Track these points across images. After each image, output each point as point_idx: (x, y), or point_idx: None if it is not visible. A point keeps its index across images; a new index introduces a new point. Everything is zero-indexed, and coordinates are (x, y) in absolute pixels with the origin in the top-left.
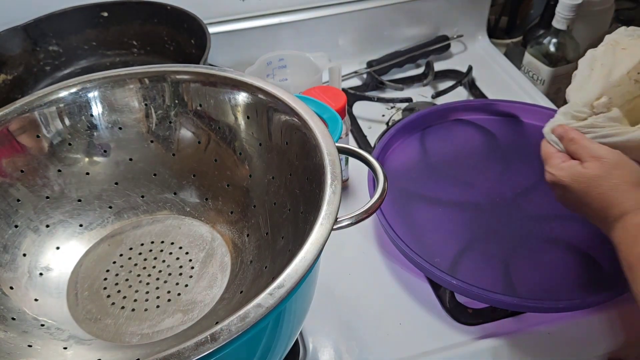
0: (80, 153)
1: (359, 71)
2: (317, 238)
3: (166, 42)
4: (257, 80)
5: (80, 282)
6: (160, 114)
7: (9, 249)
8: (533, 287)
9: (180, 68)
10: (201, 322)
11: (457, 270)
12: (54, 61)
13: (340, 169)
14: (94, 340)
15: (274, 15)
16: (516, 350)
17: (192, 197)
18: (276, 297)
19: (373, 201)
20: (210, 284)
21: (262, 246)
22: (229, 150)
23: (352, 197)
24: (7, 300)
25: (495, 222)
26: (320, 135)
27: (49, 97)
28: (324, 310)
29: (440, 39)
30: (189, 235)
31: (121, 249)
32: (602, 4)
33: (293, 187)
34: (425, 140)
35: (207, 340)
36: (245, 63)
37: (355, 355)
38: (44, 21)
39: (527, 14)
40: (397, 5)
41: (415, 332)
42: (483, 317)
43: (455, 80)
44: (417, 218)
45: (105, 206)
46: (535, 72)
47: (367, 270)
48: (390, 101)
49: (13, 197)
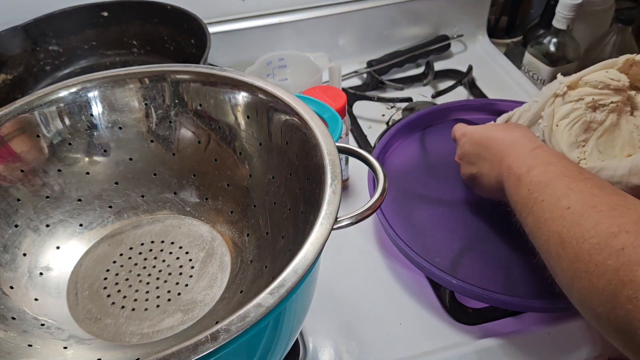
0: (80, 153)
1: (359, 71)
2: (317, 238)
3: (166, 42)
4: (257, 80)
5: (80, 281)
6: (160, 114)
7: (9, 249)
8: (533, 287)
9: (180, 68)
10: (201, 322)
11: (457, 270)
12: (54, 61)
13: (340, 169)
14: (94, 339)
15: (274, 15)
16: (516, 350)
17: (192, 196)
18: (276, 297)
19: (373, 201)
20: (210, 283)
21: (262, 246)
22: (229, 150)
23: (352, 197)
24: (7, 299)
25: (496, 221)
26: (320, 135)
27: (49, 97)
28: (324, 310)
29: (440, 38)
30: (189, 235)
31: (121, 249)
32: (602, 4)
33: (293, 186)
34: (425, 140)
35: (207, 340)
36: (245, 63)
37: (355, 355)
38: (44, 21)
39: (527, 13)
40: (397, 5)
41: (415, 332)
42: (483, 317)
43: (455, 80)
44: (417, 218)
45: (105, 206)
46: (536, 72)
47: (367, 270)
48: (390, 101)
49: (13, 197)
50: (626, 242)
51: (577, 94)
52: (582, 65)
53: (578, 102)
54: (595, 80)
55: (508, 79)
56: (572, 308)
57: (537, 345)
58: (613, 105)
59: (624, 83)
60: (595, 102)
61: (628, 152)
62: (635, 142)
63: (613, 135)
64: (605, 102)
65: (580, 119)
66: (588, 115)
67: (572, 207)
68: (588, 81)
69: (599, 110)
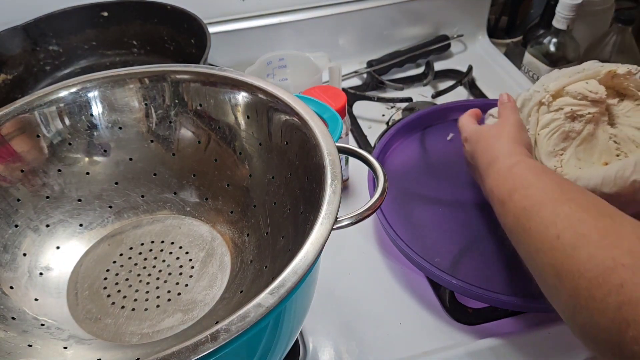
0: (80, 153)
1: (359, 71)
2: (317, 238)
3: (166, 42)
4: (257, 80)
5: (80, 281)
6: (160, 114)
7: (9, 249)
8: (533, 287)
9: (180, 68)
10: (201, 322)
11: (457, 270)
12: (54, 61)
13: (340, 169)
14: (94, 339)
15: (274, 15)
16: (516, 350)
17: (192, 196)
18: (276, 297)
19: (373, 201)
20: (210, 283)
21: (262, 246)
22: (229, 150)
23: (352, 197)
24: (7, 299)
25: (496, 222)
26: (320, 135)
27: (49, 97)
28: (324, 310)
29: (440, 38)
30: (189, 235)
31: (121, 249)
32: (602, 3)
33: (293, 186)
34: (425, 140)
35: (207, 340)
36: (245, 63)
37: (355, 355)
38: (44, 21)
39: (527, 13)
40: (397, 5)
41: (415, 332)
42: (483, 317)
43: (455, 80)
44: (417, 218)
45: (105, 206)
46: (536, 72)
47: (367, 270)
48: (390, 101)
49: (13, 197)
50: (624, 277)
51: (558, 104)
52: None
53: (558, 112)
54: (574, 91)
55: (508, 79)
56: None
57: (537, 345)
58: (589, 117)
59: (600, 95)
60: (574, 112)
61: (605, 159)
62: (612, 151)
63: (591, 144)
64: (583, 112)
65: (559, 129)
66: (567, 125)
67: (561, 236)
68: (569, 91)
69: (577, 121)
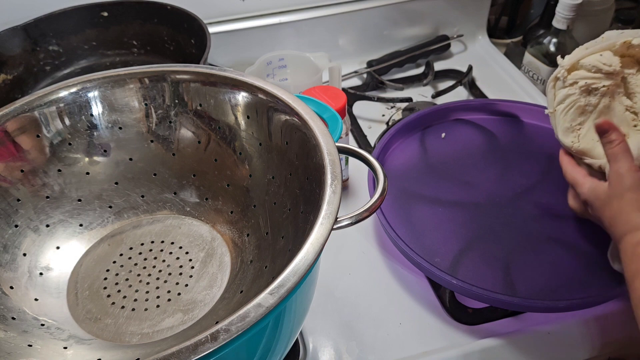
0: (80, 153)
1: (359, 71)
2: (317, 238)
3: (166, 42)
4: (257, 80)
5: (80, 281)
6: (160, 114)
7: (9, 249)
8: (533, 287)
9: (180, 68)
10: (201, 322)
11: (457, 270)
12: (54, 61)
13: (340, 169)
14: (94, 339)
15: (274, 15)
16: (516, 350)
17: (192, 197)
18: (276, 297)
19: (373, 201)
20: (210, 283)
21: (262, 246)
22: (229, 150)
23: (352, 197)
24: (7, 299)
25: (495, 222)
26: (320, 135)
27: (49, 97)
28: (324, 310)
29: (440, 38)
30: (189, 235)
31: (121, 249)
32: (602, 3)
33: (293, 186)
34: (425, 140)
35: (207, 340)
36: (245, 63)
37: (355, 355)
38: (44, 21)
39: (527, 13)
40: (397, 5)
41: (415, 332)
42: (483, 317)
43: (455, 80)
44: (417, 218)
45: (105, 206)
46: (535, 72)
47: (367, 270)
48: (390, 101)
49: (13, 197)
50: None
51: (572, 78)
52: None
53: (573, 87)
54: (588, 64)
55: (508, 79)
56: (572, 308)
57: (537, 345)
58: (604, 89)
59: (615, 68)
60: (589, 85)
61: (624, 131)
62: (629, 122)
63: (608, 116)
64: (598, 85)
65: (575, 104)
66: (582, 100)
67: None
68: (583, 64)
69: (592, 94)
